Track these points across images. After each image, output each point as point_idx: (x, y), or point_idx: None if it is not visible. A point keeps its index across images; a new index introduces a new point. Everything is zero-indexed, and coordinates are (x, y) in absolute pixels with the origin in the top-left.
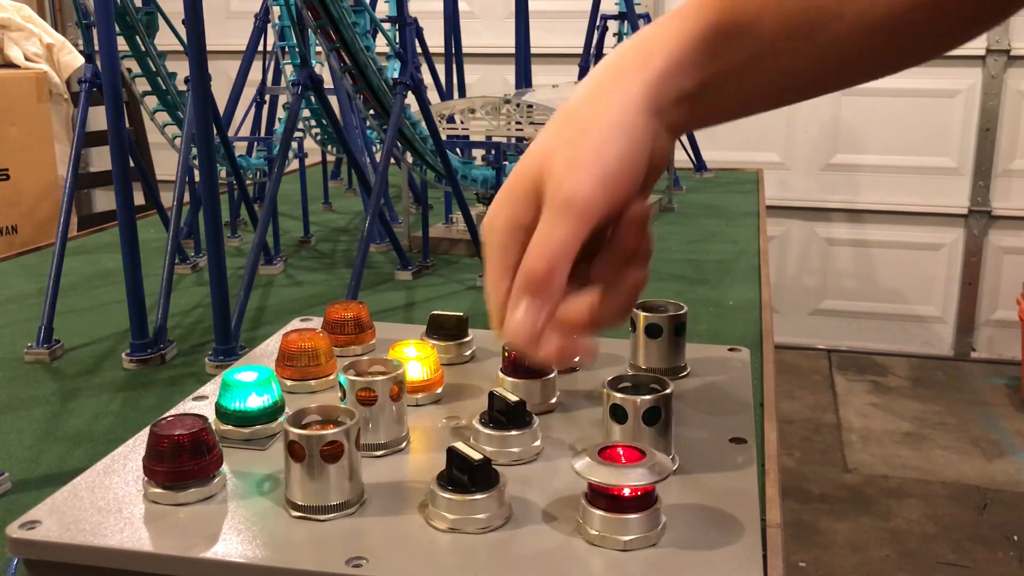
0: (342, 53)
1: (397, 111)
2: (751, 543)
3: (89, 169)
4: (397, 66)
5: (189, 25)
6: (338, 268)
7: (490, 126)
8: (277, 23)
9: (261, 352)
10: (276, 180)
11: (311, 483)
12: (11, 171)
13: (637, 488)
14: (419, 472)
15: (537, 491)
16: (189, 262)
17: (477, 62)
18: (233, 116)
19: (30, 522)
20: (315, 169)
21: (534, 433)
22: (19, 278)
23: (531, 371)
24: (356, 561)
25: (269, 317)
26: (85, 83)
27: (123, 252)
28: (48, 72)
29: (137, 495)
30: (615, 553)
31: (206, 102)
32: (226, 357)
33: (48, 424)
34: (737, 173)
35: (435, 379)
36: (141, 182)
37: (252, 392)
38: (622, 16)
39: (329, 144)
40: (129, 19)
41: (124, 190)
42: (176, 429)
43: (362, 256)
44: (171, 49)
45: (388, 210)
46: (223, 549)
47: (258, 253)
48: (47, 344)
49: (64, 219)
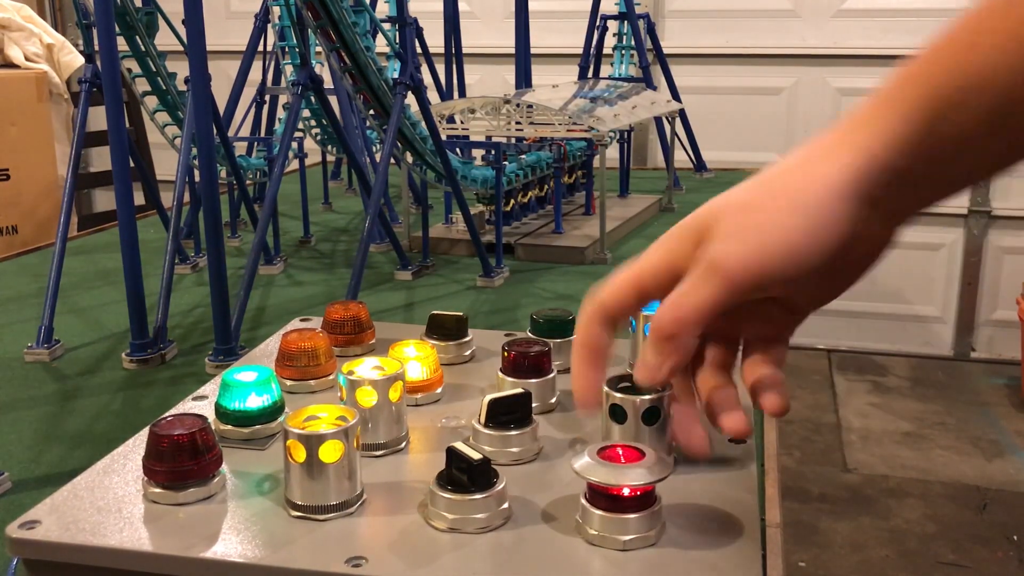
0: (342, 53)
1: (397, 111)
2: (751, 543)
3: (89, 169)
4: (397, 66)
5: (189, 25)
6: (338, 268)
7: (490, 126)
8: (277, 23)
9: (261, 352)
10: (276, 180)
11: (311, 483)
12: (11, 171)
13: (636, 488)
14: (418, 472)
15: (536, 491)
16: (189, 262)
17: (477, 62)
18: (233, 116)
19: (30, 522)
20: (315, 169)
21: (533, 433)
22: (19, 278)
23: (531, 371)
24: (355, 561)
25: (269, 317)
26: (85, 83)
27: (123, 252)
28: (48, 72)
29: (137, 495)
30: (614, 553)
31: (206, 102)
32: (226, 357)
33: (48, 424)
34: (737, 173)
35: (435, 379)
36: (141, 182)
37: (252, 392)
38: (622, 16)
39: (329, 144)
40: (129, 19)
41: (124, 190)
42: (176, 429)
43: (362, 256)
44: (171, 49)
45: (388, 210)
46: (223, 549)
47: (258, 253)
48: (47, 344)
49: (64, 219)
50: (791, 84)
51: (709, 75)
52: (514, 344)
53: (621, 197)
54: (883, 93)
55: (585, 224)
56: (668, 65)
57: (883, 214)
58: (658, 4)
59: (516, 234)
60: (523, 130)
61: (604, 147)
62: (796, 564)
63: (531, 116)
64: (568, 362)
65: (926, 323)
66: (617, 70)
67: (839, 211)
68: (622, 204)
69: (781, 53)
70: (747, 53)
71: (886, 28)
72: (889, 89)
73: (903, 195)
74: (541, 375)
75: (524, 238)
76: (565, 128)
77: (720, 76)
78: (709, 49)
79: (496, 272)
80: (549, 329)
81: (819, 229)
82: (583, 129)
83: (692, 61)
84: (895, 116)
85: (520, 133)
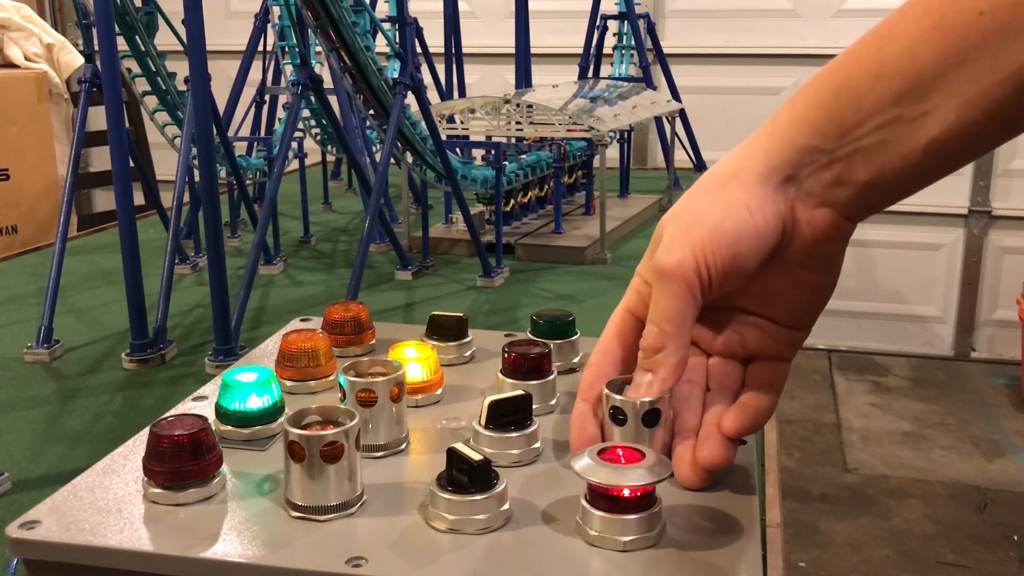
0: (342, 53)
1: (397, 111)
2: (751, 543)
3: (89, 169)
4: (397, 66)
5: (189, 25)
6: (338, 268)
7: (490, 126)
8: (277, 23)
9: (261, 352)
10: (276, 180)
11: (311, 483)
12: (11, 171)
13: (637, 488)
14: (419, 473)
15: (537, 492)
16: (189, 262)
17: (477, 62)
18: (233, 116)
19: (30, 522)
20: (315, 169)
21: (534, 434)
22: (19, 278)
23: (531, 371)
24: (356, 561)
25: (269, 317)
26: (85, 83)
27: (123, 252)
28: (48, 72)
29: (137, 495)
30: (614, 554)
31: (206, 102)
32: (226, 357)
33: (48, 424)
34: None
35: (435, 380)
36: (141, 182)
37: (252, 392)
38: (622, 16)
39: (329, 144)
40: (129, 19)
41: (124, 190)
42: (176, 429)
43: (362, 256)
44: (171, 49)
45: (388, 210)
46: (223, 549)
47: (258, 253)
48: (47, 344)
49: (64, 219)
50: (791, 84)
51: (709, 75)
52: (514, 345)
53: (621, 197)
54: (796, 93)
55: (585, 224)
56: (668, 65)
57: (808, 193)
58: (658, 4)
59: (516, 234)
60: (523, 130)
61: (604, 147)
62: (796, 564)
63: (531, 116)
64: (568, 362)
65: (926, 323)
66: (617, 70)
67: (757, 191)
68: (622, 204)
69: (781, 53)
70: (747, 53)
71: None
72: (802, 87)
73: (822, 174)
74: (541, 377)
75: (524, 238)
76: (565, 128)
77: (720, 76)
78: (709, 49)
79: (496, 272)
80: (549, 330)
81: (741, 209)
82: (583, 129)
83: (692, 61)
84: (804, 104)
85: (520, 133)
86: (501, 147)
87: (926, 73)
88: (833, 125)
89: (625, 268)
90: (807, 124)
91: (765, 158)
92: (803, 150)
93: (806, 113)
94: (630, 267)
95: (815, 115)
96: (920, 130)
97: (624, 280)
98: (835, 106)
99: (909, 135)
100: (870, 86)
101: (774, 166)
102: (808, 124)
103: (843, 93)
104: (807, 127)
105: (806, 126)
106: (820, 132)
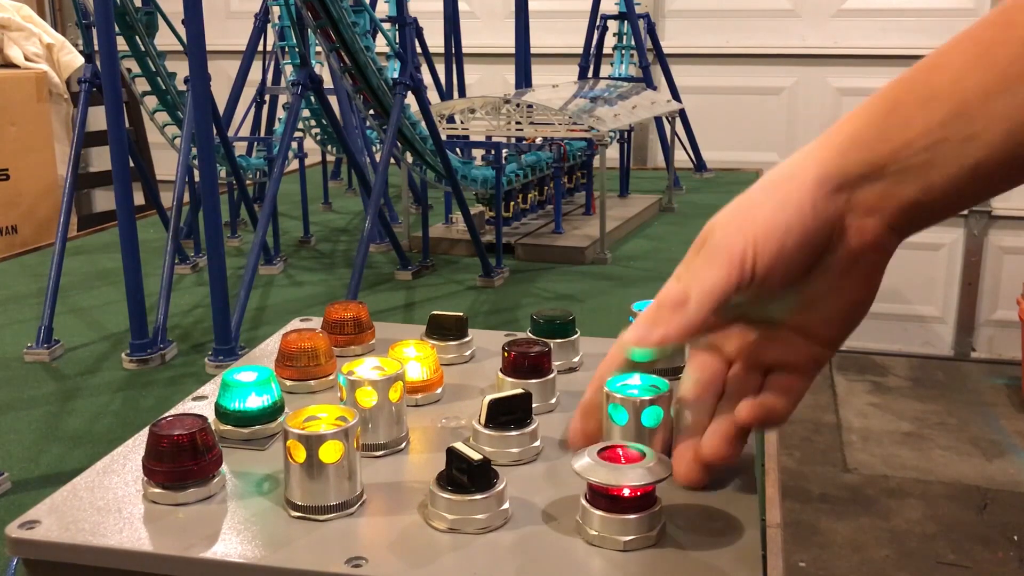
0: (342, 53)
1: (397, 111)
2: (751, 543)
3: (89, 169)
4: (397, 66)
5: (189, 25)
6: (338, 268)
7: (490, 126)
8: (277, 23)
9: (261, 352)
10: (276, 180)
11: (310, 483)
12: (11, 171)
13: (637, 488)
14: (418, 472)
15: (537, 491)
16: (189, 262)
17: (477, 62)
18: (233, 116)
19: (30, 522)
20: (315, 169)
21: (534, 433)
22: (19, 278)
23: (531, 370)
24: (355, 561)
25: (269, 317)
26: (85, 83)
27: (123, 252)
28: (48, 72)
29: (136, 495)
30: (614, 553)
31: (206, 102)
32: (226, 357)
33: (48, 424)
34: (737, 173)
35: (435, 379)
36: (141, 182)
37: (252, 392)
38: (622, 16)
39: (329, 144)
40: (129, 19)
41: (124, 190)
42: (176, 429)
43: (362, 256)
44: (171, 49)
45: (388, 210)
46: (222, 549)
47: (258, 253)
48: (47, 344)
49: (64, 219)
50: (791, 84)
51: (709, 75)
52: (514, 344)
53: (621, 197)
54: (848, 114)
55: (585, 224)
56: (668, 65)
57: (858, 203)
58: (658, 4)
59: (516, 234)
60: (523, 130)
61: (604, 147)
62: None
63: (531, 116)
64: (568, 362)
65: (926, 323)
66: (617, 70)
67: (811, 193)
68: (622, 204)
69: (781, 53)
70: (747, 53)
71: (886, 28)
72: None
73: (872, 187)
74: (541, 376)
75: (524, 238)
76: (565, 128)
77: (720, 76)
78: (709, 49)
79: (496, 272)
80: (549, 329)
81: (794, 206)
82: (583, 129)
83: (692, 61)
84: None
85: (520, 133)
86: (501, 147)
87: (973, 98)
88: (883, 143)
89: (625, 268)
90: (858, 140)
91: (819, 166)
92: (855, 163)
93: (857, 131)
94: (630, 267)
95: (866, 133)
96: (967, 151)
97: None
98: (885, 126)
99: (956, 156)
100: (919, 109)
101: (828, 173)
102: (859, 140)
103: (893, 115)
104: (858, 142)
105: (857, 142)
106: (870, 148)
